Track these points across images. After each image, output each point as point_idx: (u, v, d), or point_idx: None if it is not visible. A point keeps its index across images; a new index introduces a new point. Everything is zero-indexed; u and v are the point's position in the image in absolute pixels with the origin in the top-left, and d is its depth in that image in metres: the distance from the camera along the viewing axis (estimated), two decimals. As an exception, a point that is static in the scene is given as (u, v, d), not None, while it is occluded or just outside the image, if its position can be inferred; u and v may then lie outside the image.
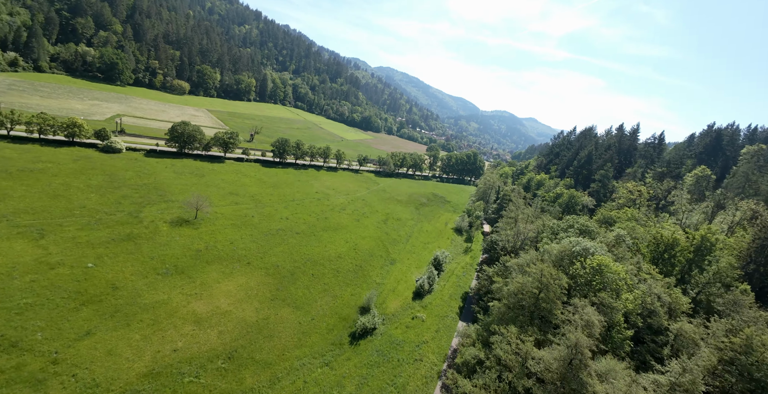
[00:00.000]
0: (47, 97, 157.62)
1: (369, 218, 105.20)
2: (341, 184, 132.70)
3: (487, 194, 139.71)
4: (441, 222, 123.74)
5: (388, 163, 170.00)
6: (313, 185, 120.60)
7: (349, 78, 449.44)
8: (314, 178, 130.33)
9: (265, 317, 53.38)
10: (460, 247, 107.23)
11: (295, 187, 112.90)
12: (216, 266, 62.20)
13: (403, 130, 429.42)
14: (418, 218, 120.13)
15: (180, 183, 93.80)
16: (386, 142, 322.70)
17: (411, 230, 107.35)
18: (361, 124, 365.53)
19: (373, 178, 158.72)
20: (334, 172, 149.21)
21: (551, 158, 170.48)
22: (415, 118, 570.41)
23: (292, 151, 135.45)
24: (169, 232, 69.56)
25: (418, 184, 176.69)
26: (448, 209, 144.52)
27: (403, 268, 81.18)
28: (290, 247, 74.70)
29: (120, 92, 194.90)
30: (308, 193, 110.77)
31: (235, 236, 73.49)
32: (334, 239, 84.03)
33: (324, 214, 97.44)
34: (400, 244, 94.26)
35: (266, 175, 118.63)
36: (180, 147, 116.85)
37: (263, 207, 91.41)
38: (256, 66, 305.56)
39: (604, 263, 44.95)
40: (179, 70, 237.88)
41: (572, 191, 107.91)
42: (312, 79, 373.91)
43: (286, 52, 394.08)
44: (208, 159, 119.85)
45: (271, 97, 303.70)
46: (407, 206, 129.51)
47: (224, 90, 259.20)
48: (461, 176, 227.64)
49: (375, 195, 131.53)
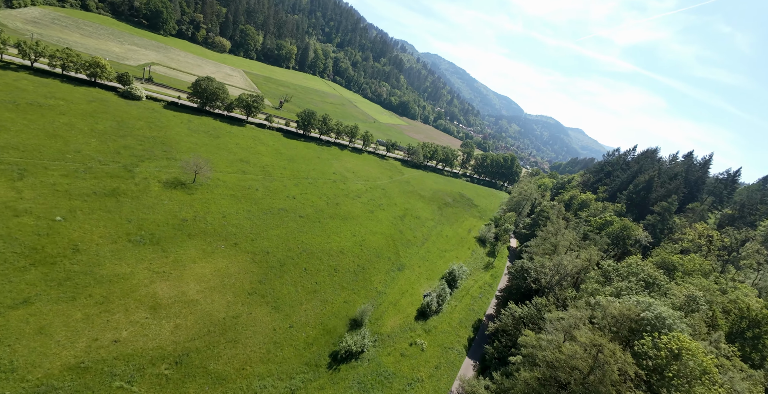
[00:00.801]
0: (87, 36, 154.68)
1: (385, 210, 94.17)
2: (363, 168, 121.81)
3: (520, 205, 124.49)
4: (464, 228, 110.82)
5: (418, 153, 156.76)
6: (333, 165, 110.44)
7: (393, 59, 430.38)
8: (335, 157, 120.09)
9: (235, 315, 44.38)
10: (481, 261, 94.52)
11: (312, 164, 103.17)
12: (197, 242, 53.69)
13: (439, 121, 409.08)
14: (440, 220, 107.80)
15: (190, 141, 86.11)
16: (420, 131, 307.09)
17: (429, 232, 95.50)
18: (397, 109, 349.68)
19: (398, 167, 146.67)
20: (358, 153, 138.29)
21: (600, 177, 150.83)
22: (454, 110, 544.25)
23: (317, 125, 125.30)
24: (159, 193, 61.70)
25: (446, 180, 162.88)
26: (474, 213, 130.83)
27: (411, 277, 70.15)
28: (288, 232, 65.25)
29: (160, 41, 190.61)
30: (325, 173, 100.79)
31: (230, 210, 64.77)
32: (341, 230, 73.87)
33: (336, 199, 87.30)
34: (413, 247, 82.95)
35: (285, 146, 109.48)
36: (202, 103, 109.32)
37: (271, 181, 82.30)
38: (300, 34, 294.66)
39: (686, 347, 31.65)
40: (223, 28, 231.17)
41: (625, 221, 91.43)
42: (355, 54, 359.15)
43: (333, 24, 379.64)
44: (228, 120, 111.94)
45: (311, 68, 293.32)
46: (430, 204, 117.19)
47: (264, 54, 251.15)
48: (493, 179, 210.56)
49: (397, 186, 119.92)
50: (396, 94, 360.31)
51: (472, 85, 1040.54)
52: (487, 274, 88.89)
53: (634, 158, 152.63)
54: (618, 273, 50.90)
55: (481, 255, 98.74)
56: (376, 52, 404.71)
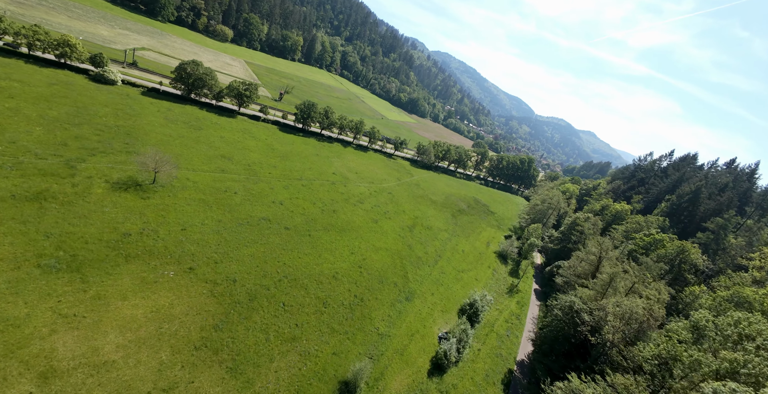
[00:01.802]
0: (75, 19, 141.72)
1: (391, 219, 79.17)
2: (368, 168, 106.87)
3: (545, 215, 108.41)
4: (482, 241, 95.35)
5: (429, 152, 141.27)
6: (333, 164, 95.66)
7: (403, 55, 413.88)
8: (337, 155, 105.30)
9: (168, 387, 29.91)
10: (504, 283, 79.12)
11: (309, 163, 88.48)
12: (137, 266, 39.35)
13: (449, 120, 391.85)
14: (454, 230, 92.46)
15: (163, 133, 72.00)
16: (429, 129, 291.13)
17: (443, 246, 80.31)
18: (406, 106, 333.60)
19: (407, 168, 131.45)
20: (363, 152, 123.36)
21: (633, 184, 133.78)
22: (464, 109, 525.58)
23: (318, 119, 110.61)
24: (101, 197, 47.54)
25: (459, 183, 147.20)
26: (491, 222, 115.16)
27: (423, 310, 55.15)
28: (267, 250, 50.65)
29: (157, 27, 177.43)
30: (323, 173, 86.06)
31: (193, 219, 50.38)
32: (336, 246, 59.08)
33: (334, 205, 72.52)
34: (425, 267, 67.88)
35: (279, 141, 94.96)
36: (186, 90, 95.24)
37: (256, 182, 67.79)
38: (307, 25, 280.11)
39: None
40: (225, 16, 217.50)
41: (683, 244, 75.07)
42: (364, 49, 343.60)
43: (342, 17, 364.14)
44: (216, 110, 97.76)
45: (317, 61, 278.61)
46: (442, 211, 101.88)
47: (269, 44, 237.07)
48: (508, 183, 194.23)
49: (405, 189, 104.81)
50: (405, 91, 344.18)
51: (482, 84, 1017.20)
52: (513, 301, 73.46)
53: (671, 165, 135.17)
54: (722, 333, 35.28)
55: (503, 275, 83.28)
56: (385, 47, 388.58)
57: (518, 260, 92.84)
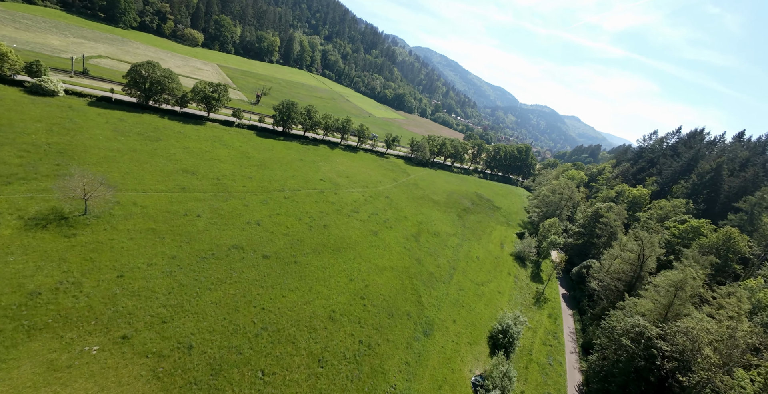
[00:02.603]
0: (23, 30, 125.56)
1: (393, 229, 67.03)
2: (359, 170, 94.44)
3: (558, 207, 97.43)
4: (494, 242, 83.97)
5: (424, 148, 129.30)
6: (320, 169, 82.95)
7: (385, 51, 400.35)
8: (324, 158, 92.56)
9: None
10: (527, 290, 67.85)
11: (292, 170, 75.64)
12: (43, 344, 26.51)
13: (437, 114, 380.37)
14: (464, 234, 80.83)
15: (110, 148, 58.50)
16: (419, 125, 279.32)
17: (455, 254, 68.55)
18: (392, 102, 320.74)
19: (402, 166, 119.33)
20: (352, 152, 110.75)
21: (642, 166, 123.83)
22: (451, 102, 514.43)
23: (299, 119, 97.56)
24: (8, 241, 34.39)
25: (458, 179, 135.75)
26: (499, 219, 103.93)
27: (447, 345, 43.27)
28: (239, 291, 38.06)
29: (117, 34, 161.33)
30: (309, 181, 73.38)
31: (137, 260, 37.49)
32: (330, 273, 46.74)
33: (324, 218, 60.03)
34: (439, 284, 56.00)
35: (256, 147, 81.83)
36: (143, 97, 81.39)
37: (227, 199, 54.89)
38: (283, 25, 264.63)
39: None
40: (194, 19, 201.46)
41: (728, 231, 64.59)
42: (344, 46, 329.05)
43: (319, 16, 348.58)
44: (181, 118, 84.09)
45: (297, 62, 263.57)
46: (447, 212, 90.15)
47: (244, 47, 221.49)
48: (507, 174, 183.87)
49: (404, 191, 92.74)
50: (390, 87, 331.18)
51: (465, 77, 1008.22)
52: (543, 313, 62.16)
53: (681, 142, 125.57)
54: None
55: (524, 281, 72.02)
56: (366, 43, 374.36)
57: (538, 262, 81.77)
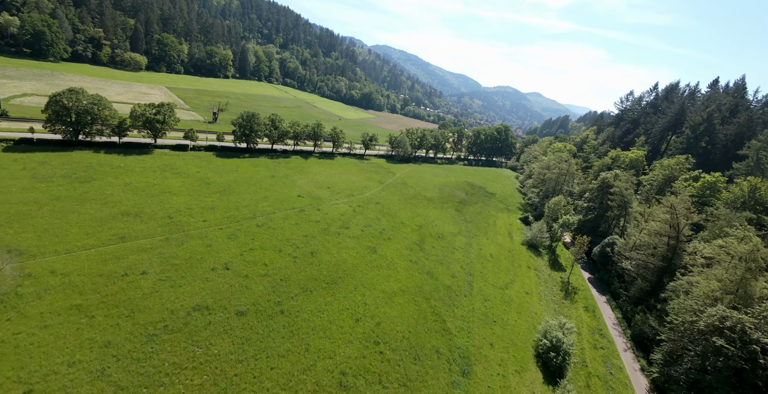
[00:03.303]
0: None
1: (393, 240, 56.69)
2: (340, 178, 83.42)
3: (558, 184, 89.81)
4: (501, 233, 75.20)
5: (404, 143, 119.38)
6: (296, 183, 71.36)
7: (344, 52, 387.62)
8: (298, 170, 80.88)
9: None
10: (553, 283, 59.29)
11: (262, 190, 63.76)
12: None
13: (407, 108, 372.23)
14: (468, 229, 71.49)
15: (24, 201, 45.11)
16: (391, 121, 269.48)
17: (466, 256, 59.00)
18: (360, 102, 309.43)
19: (385, 166, 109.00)
20: (329, 159, 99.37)
21: (627, 128, 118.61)
22: (418, 95, 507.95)
23: (263, 131, 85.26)
24: None
25: (444, 170, 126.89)
26: (497, 206, 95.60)
27: (494, 384, 33.41)
28: (207, 379, 26.51)
29: (47, 68, 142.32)
30: (285, 200, 61.77)
31: (54, 359, 25.44)
32: (330, 317, 35.88)
33: (309, 243, 48.90)
34: (461, 299, 46.19)
35: (217, 170, 69.29)
36: (72, 132, 67.26)
37: (183, 241, 42.86)
38: (234, 38, 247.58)
39: None
40: (133, 41, 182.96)
41: (752, 180, 58.09)
42: (302, 52, 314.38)
43: (271, 24, 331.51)
44: (122, 149, 70.38)
45: (254, 74, 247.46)
46: (443, 207, 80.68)
47: (194, 65, 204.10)
48: (490, 157, 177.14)
49: (393, 192, 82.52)
50: (356, 87, 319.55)
51: (427, 69, 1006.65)
52: (579, 307, 53.64)
53: (659, 98, 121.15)
54: None
55: (546, 272, 63.45)
56: (324, 47, 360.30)
57: (551, 247, 73.59)
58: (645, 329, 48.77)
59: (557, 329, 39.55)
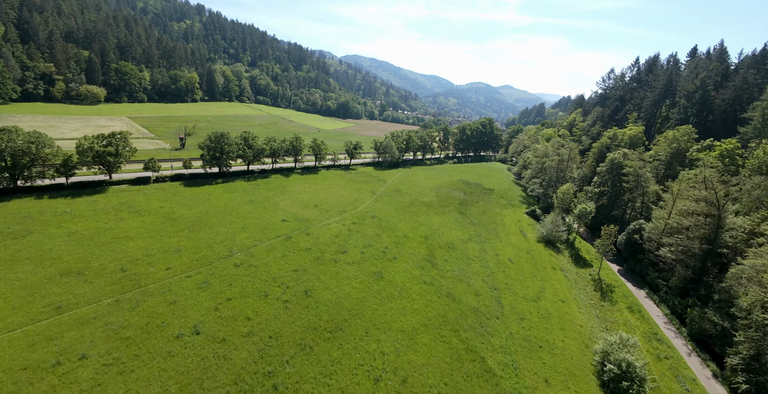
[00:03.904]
0: None
1: (399, 259, 48.31)
2: (328, 193, 74.77)
3: (561, 171, 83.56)
4: (513, 232, 67.83)
5: (391, 147, 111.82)
6: (278, 206, 62.27)
7: (315, 64, 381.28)
8: (280, 191, 71.81)
9: None
10: (583, 282, 52.06)
11: (240, 219, 54.52)
12: None
13: (386, 113, 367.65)
14: (478, 233, 63.78)
15: (-72, 271, 34.73)
16: (371, 128, 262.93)
17: (486, 267, 51.09)
18: (338, 112, 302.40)
19: (373, 174, 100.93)
20: (313, 174, 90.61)
21: (616, 106, 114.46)
22: (394, 100, 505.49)
23: (236, 152, 76.05)
24: None
25: (436, 171, 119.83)
26: (499, 202, 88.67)
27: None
28: None
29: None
30: (268, 227, 52.66)
31: None
32: (340, 381, 27.00)
33: (302, 279, 39.99)
34: (494, 323, 38.02)
35: (185, 202, 59.63)
36: (9, 178, 56.75)
37: (138, 303, 33.32)
38: (199, 59, 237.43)
39: None
40: (89, 73, 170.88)
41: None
42: (272, 68, 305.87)
43: (237, 44, 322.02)
44: (70, 191, 59.94)
45: (224, 95, 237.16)
46: (445, 212, 72.96)
47: (158, 92, 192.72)
48: (477, 152, 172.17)
49: (388, 202, 74.35)
50: (332, 98, 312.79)
51: (399, 73, 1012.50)
52: (621, 308, 46.30)
53: (642, 73, 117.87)
54: None
55: (572, 270, 56.18)
56: (294, 61, 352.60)
57: (569, 241, 66.63)
58: (705, 326, 41.72)
59: (620, 349, 31.82)
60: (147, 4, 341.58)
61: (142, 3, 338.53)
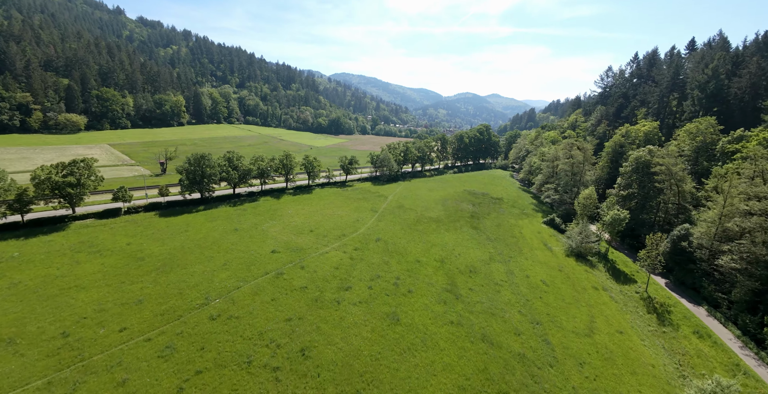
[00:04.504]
0: None
1: (415, 293, 39.94)
2: (324, 214, 66.78)
3: (578, 174, 76.74)
4: (536, 246, 59.96)
5: (388, 160, 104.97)
6: (268, 234, 53.95)
7: (305, 82, 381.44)
8: (270, 215, 63.63)
9: None
10: (633, 303, 44.08)
11: (221, 253, 46.01)
12: None
13: (378, 127, 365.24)
14: (500, 251, 55.77)
15: None
16: (364, 142, 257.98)
17: (517, 293, 42.76)
18: (329, 129, 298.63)
19: (372, 190, 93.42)
20: (306, 193, 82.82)
21: (621, 103, 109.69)
22: (385, 114, 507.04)
23: (219, 175, 68.31)
24: None
25: (437, 182, 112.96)
26: (511, 212, 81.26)
27: None
28: None
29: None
30: (254, 262, 44.17)
31: None
32: None
33: (296, 332, 31.38)
34: (548, 376, 29.42)
35: (158, 236, 51.10)
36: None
37: (77, 384, 24.35)
38: (185, 83, 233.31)
39: None
40: (69, 101, 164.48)
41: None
42: (261, 88, 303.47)
43: (224, 66, 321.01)
44: (26, 230, 51.03)
45: (212, 117, 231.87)
46: (456, 227, 65.11)
47: (142, 117, 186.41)
48: (477, 160, 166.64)
49: (392, 220, 66.42)
50: (322, 115, 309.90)
51: (387, 88, 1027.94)
52: (688, 334, 38.06)
53: (642, 67, 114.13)
54: None
55: (616, 289, 48.04)
56: (283, 80, 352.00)
57: (603, 252, 58.84)
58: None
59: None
60: (133, 32, 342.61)
61: (127, 32, 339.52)
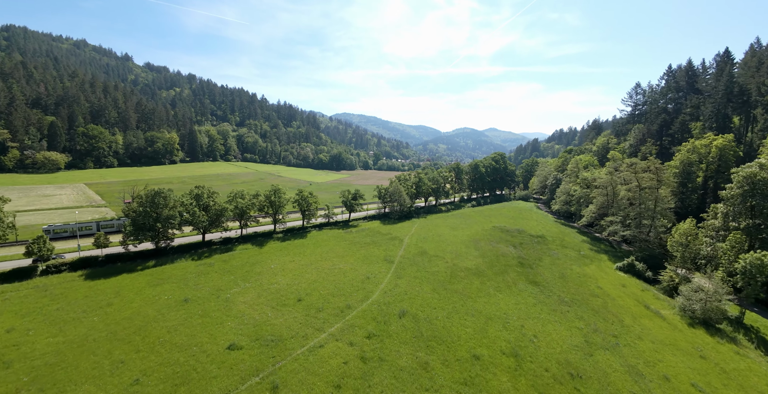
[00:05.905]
0: None
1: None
2: (320, 268, 48.28)
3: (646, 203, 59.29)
4: (636, 310, 40.38)
5: (400, 194, 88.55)
6: (231, 309, 35.20)
7: (306, 119, 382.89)
8: (244, 273, 45.28)
9: None
10: None
11: (136, 362, 27.14)
12: None
13: (380, 162, 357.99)
14: (585, 322, 36.21)
15: None
16: (367, 177, 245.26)
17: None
18: (330, 165, 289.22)
19: (382, 231, 75.45)
20: (299, 238, 64.91)
21: (664, 119, 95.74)
22: (386, 149, 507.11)
23: (178, 218, 51.17)
24: None
25: (458, 218, 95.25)
26: (567, 254, 62.39)
27: None
28: None
29: None
30: (190, 373, 25.16)
31: None
32: None
33: None
34: None
35: (61, 315, 32.48)
36: None
37: None
38: (181, 121, 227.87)
39: None
40: (51, 138, 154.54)
41: None
42: (261, 126, 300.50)
43: (225, 106, 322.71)
44: None
45: (208, 155, 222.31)
46: (507, 283, 46.04)
47: (131, 155, 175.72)
48: (494, 191, 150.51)
49: (416, 276, 47.61)
50: (323, 151, 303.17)
51: (387, 126, 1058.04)
52: None
53: (677, 79, 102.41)
54: None
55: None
56: (284, 118, 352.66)
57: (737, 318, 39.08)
58: None
59: None
60: (138, 76, 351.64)
61: (133, 76, 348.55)
